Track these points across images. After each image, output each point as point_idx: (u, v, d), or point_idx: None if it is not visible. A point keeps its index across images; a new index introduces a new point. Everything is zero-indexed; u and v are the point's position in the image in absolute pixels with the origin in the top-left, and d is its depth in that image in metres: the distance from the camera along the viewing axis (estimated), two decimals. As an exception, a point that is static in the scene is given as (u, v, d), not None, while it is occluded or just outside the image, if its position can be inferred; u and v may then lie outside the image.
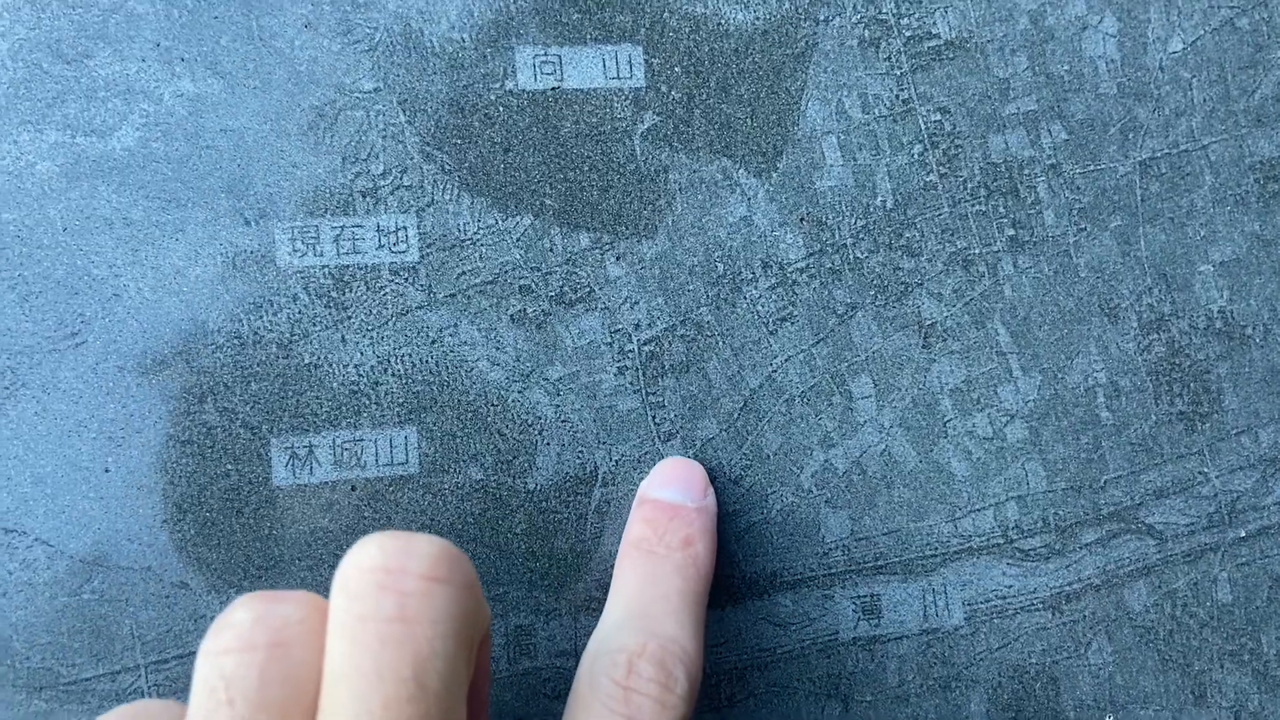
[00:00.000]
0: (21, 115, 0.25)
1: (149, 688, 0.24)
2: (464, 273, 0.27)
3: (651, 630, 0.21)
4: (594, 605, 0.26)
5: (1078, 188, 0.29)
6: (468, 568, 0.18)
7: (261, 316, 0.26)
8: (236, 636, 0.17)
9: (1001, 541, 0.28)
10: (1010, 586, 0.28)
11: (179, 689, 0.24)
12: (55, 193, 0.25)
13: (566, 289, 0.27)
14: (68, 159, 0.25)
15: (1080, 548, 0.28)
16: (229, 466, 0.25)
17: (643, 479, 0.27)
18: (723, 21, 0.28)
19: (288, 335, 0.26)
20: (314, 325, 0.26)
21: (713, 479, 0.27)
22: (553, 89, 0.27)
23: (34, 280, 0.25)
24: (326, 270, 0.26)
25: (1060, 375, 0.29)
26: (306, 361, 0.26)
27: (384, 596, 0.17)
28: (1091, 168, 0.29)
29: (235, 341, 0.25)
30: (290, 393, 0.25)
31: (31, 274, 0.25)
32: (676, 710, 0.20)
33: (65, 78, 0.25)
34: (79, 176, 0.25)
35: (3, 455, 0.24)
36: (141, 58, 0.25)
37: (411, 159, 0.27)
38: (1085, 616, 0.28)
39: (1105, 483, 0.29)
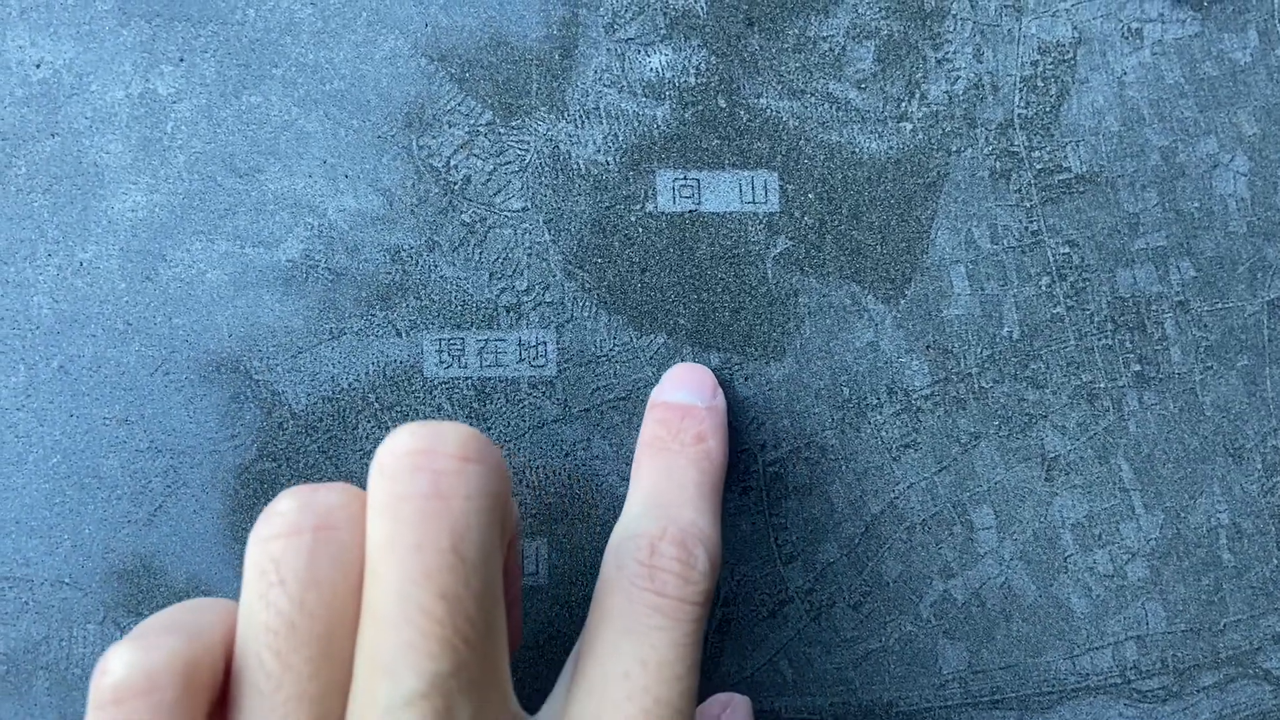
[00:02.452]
0: (195, 225, 0.28)
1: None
2: (598, 388, 0.29)
3: (670, 516, 0.23)
4: (712, 724, 0.28)
5: (1205, 325, 0.31)
6: (495, 451, 0.20)
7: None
8: (284, 522, 0.19)
9: (1119, 681, 0.29)
10: (1127, 727, 0.29)
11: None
12: (223, 300, 0.28)
13: (696, 407, 0.29)
14: (236, 268, 0.28)
15: (1198, 691, 0.29)
16: (370, 570, 0.27)
17: (763, 599, 0.29)
18: (856, 150, 0.30)
19: (430, 444, 0.28)
20: (455, 435, 0.28)
21: (832, 603, 0.29)
22: (690, 211, 0.30)
23: (199, 383, 0.27)
24: (470, 382, 0.28)
25: (1183, 514, 0.30)
26: (447, 470, 0.28)
27: (419, 475, 0.18)
28: (1219, 305, 0.31)
29: (382, 448, 0.28)
30: (430, 500, 0.28)
31: (198, 377, 0.27)
32: (699, 585, 0.22)
33: (237, 191, 0.28)
34: (246, 285, 0.28)
35: (161, 552, 0.27)
36: (309, 173, 0.28)
37: (554, 276, 0.29)
38: (1202, 762, 0.29)
39: (1225, 626, 0.30)
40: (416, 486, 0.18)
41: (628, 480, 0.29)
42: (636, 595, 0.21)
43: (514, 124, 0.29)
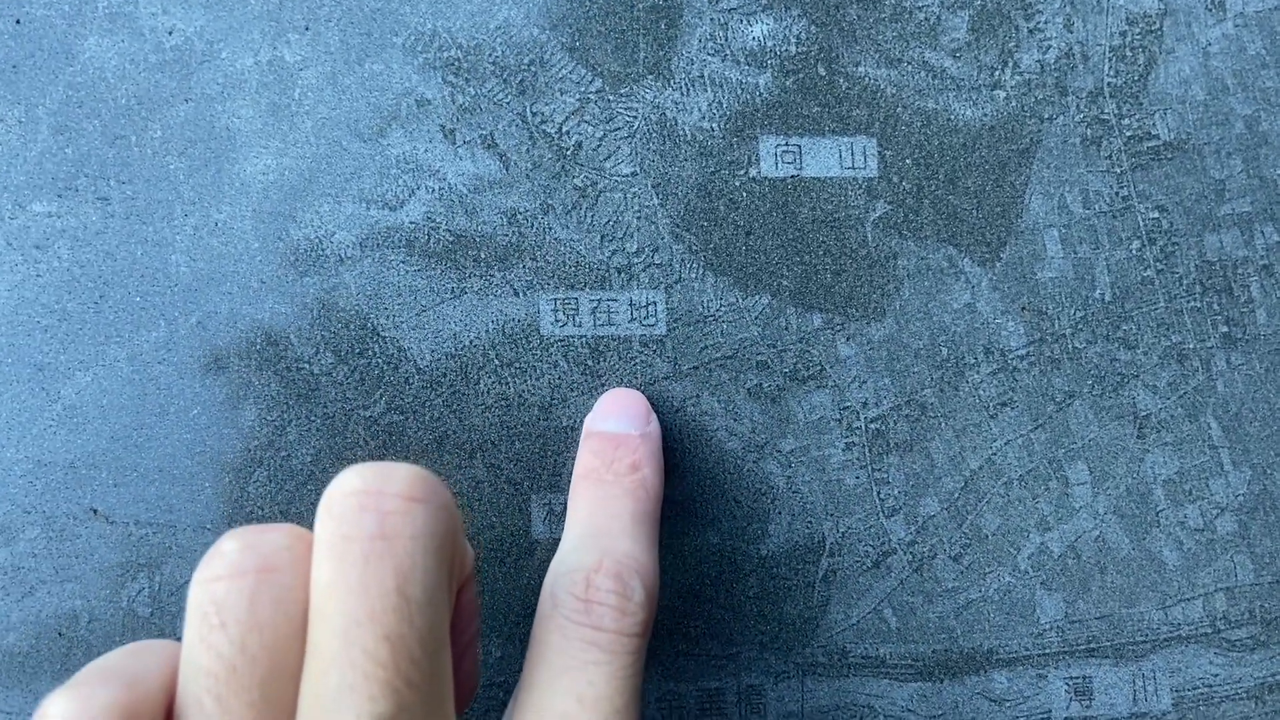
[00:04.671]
0: (323, 188, 0.30)
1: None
2: (706, 347, 0.31)
3: (606, 548, 0.23)
4: (820, 670, 0.30)
5: (1291, 288, 0.33)
6: (443, 491, 0.20)
7: (526, 381, 0.30)
8: (227, 564, 0.19)
9: (1210, 631, 0.32)
10: (1216, 675, 0.31)
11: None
12: (351, 260, 0.30)
13: (800, 366, 0.31)
14: (362, 229, 0.30)
15: (1285, 642, 0.32)
16: (493, 519, 0.30)
17: (867, 550, 0.31)
18: (952, 117, 0.33)
19: (548, 399, 0.30)
20: (571, 391, 0.30)
21: (933, 555, 0.31)
22: (792, 177, 0.32)
23: (330, 339, 0.30)
24: (584, 340, 0.31)
25: (1270, 471, 0.32)
26: (564, 424, 0.30)
27: (365, 516, 0.19)
28: (1304, 269, 0.33)
29: (502, 403, 0.30)
30: (549, 452, 0.30)
31: (328, 333, 0.30)
32: (636, 616, 0.22)
33: (362, 155, 0.30)
34: (372, 245, 0.30)
35: (297, 499, 0.29)
36: (429, 139, 0.31)
37: (662, 239, 0.31)
38: (1290, 710, 0.31)
39: (1311, 579, 0.32)
40: (362, 527, 0.19)
41: (735, 436, 0.31)
42: (572, 631, 0.22)
43: (622, 91, 0.31)
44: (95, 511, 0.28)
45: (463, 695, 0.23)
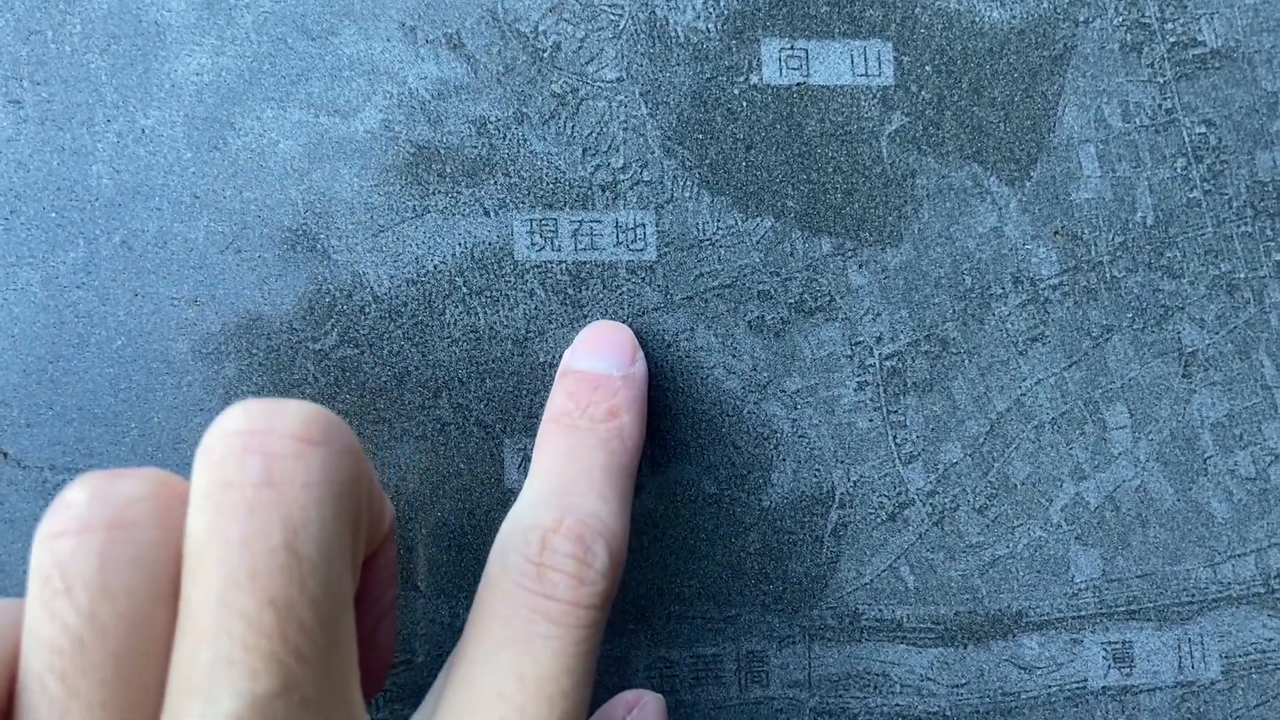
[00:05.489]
0: (265, 91, 0.27)
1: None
2: (701, 274, 0.28)
3: (570, 505, 0.21)
4: (829, 634, 0.27)
5: (1352, 212, 0.30)
6: (346, 432, 0.17)
7: (498, 311, 0.27)
8: (73, 517, 0.16)
9: (1263, 591, 0.29)
10: (1270, 640, 0.29)
11: (405, 695, 0.26)
12: (297, 173, 0.27)
13: (806, 296, 0.28)
14: (310, 139, 0.27)
15: (1344, 603, 0.29)
16: (461, 466, 0.27)
17: (881, 501, 0.28)
18: (977, 19, 0.29)
19: (523, 332, 0.27)
20: (550, 323, 0.27)
21: (955, 506, 0.28)
22: (798, 84, 0.29)
23: (274, 262, 0.26)
24: (564, 266, 0.27)
25: (1329, 414, 0.29)
26: (541, 360, 0.27)
27: (249, 460, 0.16)
28: (1367, 191, 0.30)
29: (471, 336, 0.27)
30: (524, 392, 0.27)
31: (272, 255, 0.26)
32: (595, 586, 0.20)
33: (310, 54, 0.27)
34: (321, 157, 0.27)
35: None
36: (387, 37, 0.27)
37: (652, 153, 0.28)
38: (1349, 679, 0.28)
39: (1373, 534, 0.29)
40: (245, 472, 0.16)
41: (735, 374, 0.28)
42: (520, 598, 0.19)
43: (607, -13, 0.28)
44: (5, 455, 0.25)
45: (375, 673, 0.21)
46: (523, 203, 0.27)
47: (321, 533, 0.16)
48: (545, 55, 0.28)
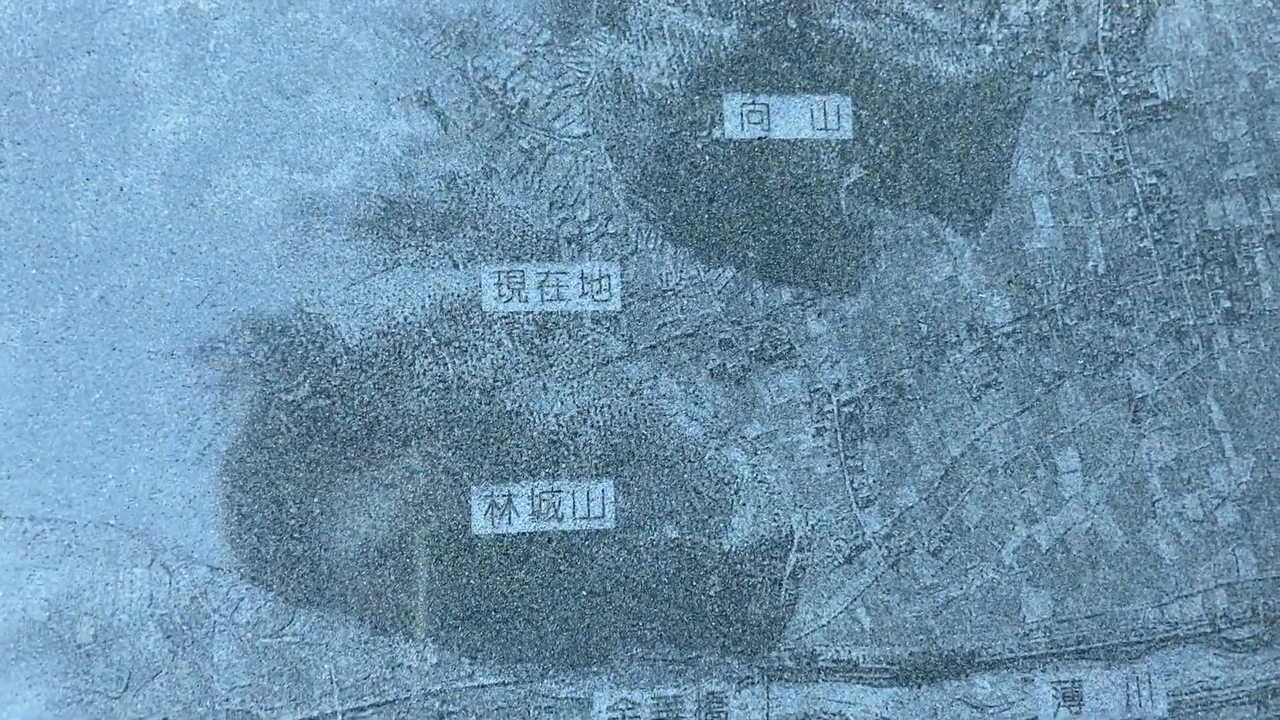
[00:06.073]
0: (241, 149, 0.28)
1: (344, 735, 0.26)
2: (665, 324, 0.29)
3: None
4: (787, 675, 0.28)
5: (1298, 260, 0.31)
6: None
7: (467, 361, 0.28)
8: None
9: (1209, 630, 0.30)
10: (1216, 678, 0.30)
11: (375, 738, 0.27)
12: (271, 228, 0.28)
13: (767, 345, 0.29)
14: (285, 195, 0.28)
15: (1289, 641, 0.30)
16: (430, 512, 0.28)
17: (839, 545, 0.29)
18: (933, 74, 0.31)
19: (491, 381, 0.28)
20: (516, 372, 0.28)
21: (910, 549, 0.29)
22: (759, 139, 0.30)
23: (248, 316, 0.27)
24: (530, 316, 0.28)
25: (1275, 458, 0.30)
26: (508, 408, 0.28)
27: None
28: (1313, 239, 0.31)
29: (440, 385, 0.28)
30: (491, 440, 0.28)
31: (246, 309, 0.27)
32: None
33: (284, 113, 0.28)
34: (295, 213, 0.28)
35: (210, 493, 0.27)
36: (359, 96, 0.28)
37: (617, 206, 0.29)
38: (1294, 715, 0.29)
39: (1318, 573, 0.30)
40: None
41: (696, 421, 0.29)
42: None
43: (573, 44, 0.29)
44: (-14, 506, 0.26)
45: None
46: (491, 255, 0.28)
47: None
48: (513, 112, 0.29)
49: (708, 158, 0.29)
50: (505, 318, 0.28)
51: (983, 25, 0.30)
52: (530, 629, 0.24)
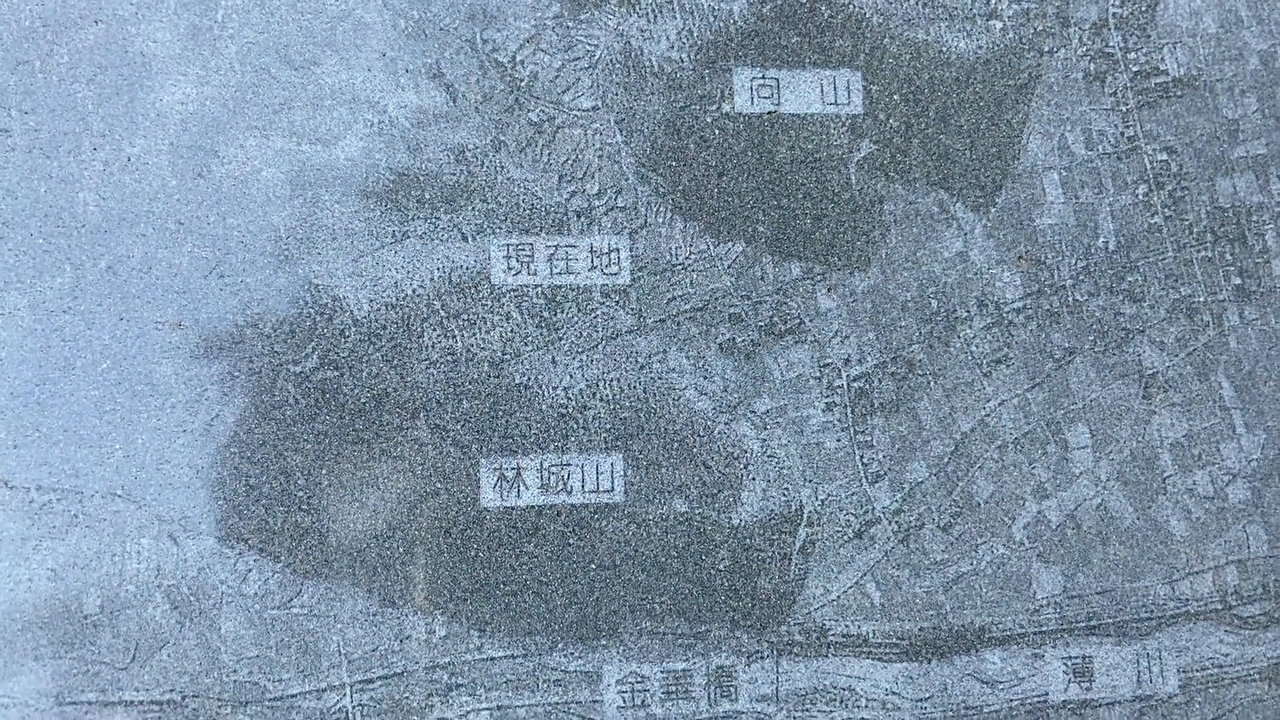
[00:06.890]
0: (249, 120, 0.28)
1: (353, 707, 0.26)
2: (674, 298, 0.29)
3: None
4: (796, 649, 0.28)
5: (1309, 237, 0.31)
6: None
7: (475, 334, 0.28)
8: None
9: (1220, 607, 0.30)
10: (1227, 655, 0.30)
11: (383, 709, 0.27)
12: (279, 200, 0.28)
13: (776, 319, 0.29)
14: (292, 166, 0.28)
15: (1300, 619, 0.30)
16: (438, 485, 0.28)
17: (848, 520, 0.29)
18: (944, 49, 0.31)
19: (500, 354, 0.28)
20: (525, 345, 0.28)
21: (920, 524, 0.29)
22: (769, 113, 0.30)
23: (255, 287, 0.27)
24: (539, 290, 0.28)
25: (1286, 434, 0.30)
26: (517, 381, 0.28)
27: None
28: (1323, 217, 0.31)
29: (449, 358, 0.28)
30: (500, 413, 0.28)
31: (254, 280, 0.27)
32: None
33: (292, 84, 0.28)
34: (303, 184, 0.28)
35: (218, 463, 0.27)
36: (368, 67, 0.28)
37: (626, 180, 0.29)
38: (1305, 692, 0.30)
39: (1329, 551, 0.30)
40: None
41: (706, 395, 0.29)
42: None
43: (583, 17, 0.29)
44: (-7, 476, 0.26)
45: None
46: (500, 228, 0.28)
47: None
48: (523, 84, 0.29)
49: (717, 132, 0.29)
50: (514, 290, 0.28)
51: (993, 1, 0.30)
52: (539, 602, 0.24)
